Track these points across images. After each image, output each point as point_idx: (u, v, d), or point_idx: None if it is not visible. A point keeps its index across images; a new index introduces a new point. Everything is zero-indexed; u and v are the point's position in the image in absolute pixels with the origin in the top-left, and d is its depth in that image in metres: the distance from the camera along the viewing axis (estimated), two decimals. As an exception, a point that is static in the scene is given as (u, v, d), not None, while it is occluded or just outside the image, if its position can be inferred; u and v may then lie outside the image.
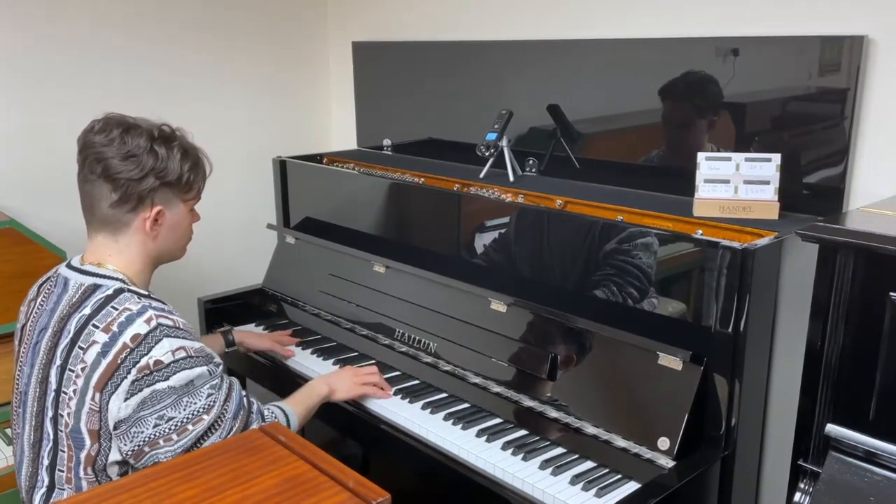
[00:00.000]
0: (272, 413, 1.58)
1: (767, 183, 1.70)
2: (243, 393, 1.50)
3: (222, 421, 1.42)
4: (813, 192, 1.73)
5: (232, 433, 1.43)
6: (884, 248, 1.21)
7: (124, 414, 1.35)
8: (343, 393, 1.81)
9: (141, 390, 1.34)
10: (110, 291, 1.41)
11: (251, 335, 2.16)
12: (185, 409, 1.37)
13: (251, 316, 2.42)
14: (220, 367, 1.46)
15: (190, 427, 1.37)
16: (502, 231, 1.94)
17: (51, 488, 1.43)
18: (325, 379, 1.82)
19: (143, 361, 1.34)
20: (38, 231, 2.04)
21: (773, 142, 1.77)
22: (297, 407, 1.67)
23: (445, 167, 2.38)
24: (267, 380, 2.21)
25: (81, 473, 1.40)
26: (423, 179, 2.26)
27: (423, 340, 1.99)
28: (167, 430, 1.36)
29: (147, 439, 1.36)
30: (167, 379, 1.35)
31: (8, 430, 1.93)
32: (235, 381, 1.50)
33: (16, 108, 2.25)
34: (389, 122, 2.70)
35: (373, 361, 2.05)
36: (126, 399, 1.34)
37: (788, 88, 1.73)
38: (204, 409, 1.39)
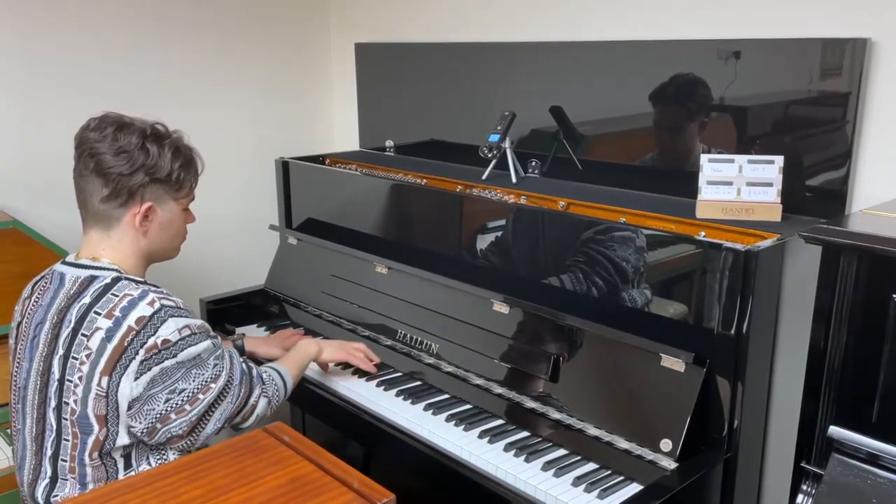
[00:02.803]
0: (270, 375, 1.67)
1: (770, 185, 1.70)
2: (241, 360, 1.59)
3: (230, 387, 1.51)
4: (815, 194, 1.73)
5: (239, 399, 1.53)
6: (887, 250, 1.21)
7: (136, 393, 1.39)
8: (329, 354, 1.93)
9: (150, 369, 1.39)
10: (108, 280, 1.46)
11: (260, 343, 2.12)
12: (194, 380, 1.44)
13: (253, 317, 2.42)
14: (219, 339, 1.53)
15: (201, 396, 1.45)
16: (505, 233, 1.94)
17: (53, 479, 1.46)
18: (314, 340, 1.94)
19: (151, 342, 1.39)
20: (41, 231, 2.04)
21: (775, 144, 1.77)
22: (291, 368, 1.76)
23: (448, 168, 2.38)
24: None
25: (87, 459, 1.43)
26: (425, 181, 2.26)
27: (425, 341, 1.99)
28: (180, 402, 1.42)
29: (159, 415, 1.41)
30: (175, 356, 1.41)
31: (10, 431, 1.93)
32: (234, 350, 1.60)
33: (17, 108, 2.25)
34: (392, 123, 2.70)
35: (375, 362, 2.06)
36: (136, 378, 1.39)
37: (791, 91, 1.73)
38: (212, 378, 1.46)
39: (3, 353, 1.97)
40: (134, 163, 1.47)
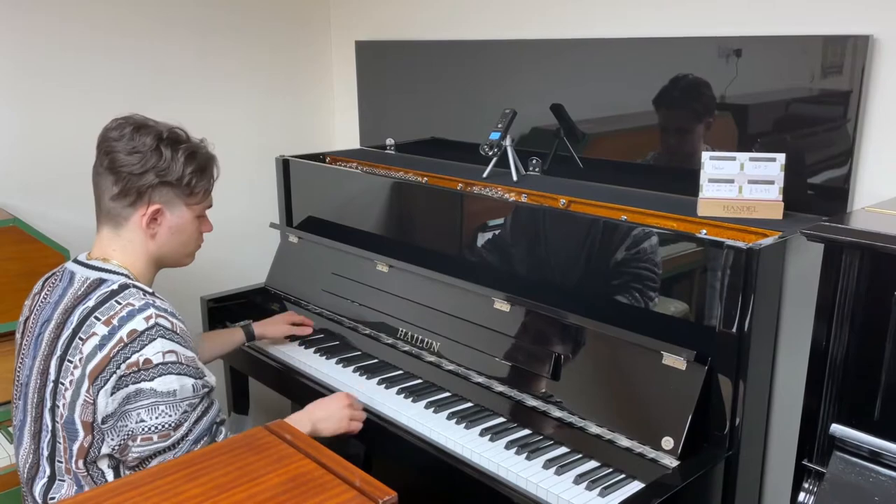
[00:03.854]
0: None
1: (772, 183, 1.70)
2: (217, 420, 1.48)
3: (182, 443, 1.41)
4: (817, 192, 1.73)
5: None
6: (889, 247, 1.21)
7: (111, 409, 1.37)
8: (329, 432, 1.70)
9: (126, 386, 1.36)
10: (115, 286, 1.44)
11: (269, 325, 2.16)
12: (157, 418, 1.37)
13: (254, 315, 2.41)
14: (206, 389, 1.45)
15: (155, 438, 1.38)
16: (505, 231, 1.94)
17: (52, 478, 1.45)
18: (308, 416, 1.69)
19: (134, 358, 1.36)
20: (40, 230, 2.04)
21: (777, 142, 1.77)
22: None
23: (449, 166, 2.38)
24: (271, 379, 2.21)
25: (73, 466, 1.42)
26: (426, 179, 2.26)
27: (426, 339, 1.99)
28: (137, 431, 1.37)
29: (130, 433, 1.38)
30: (152, 380, 1.36)
31: (11, 429, 1.93)
32: (215, 405, 1.48)
33: (18, 107, 2.24)
34: (392, 121, 2.70)
35: (375, 360, 2.06)
36: (112, 394, 1.36)
37: (792, 88, 1.73)
38: (174, 425, 1.39)
39: (3, 352, 1.97)
40: (145, 163, 1.47)
